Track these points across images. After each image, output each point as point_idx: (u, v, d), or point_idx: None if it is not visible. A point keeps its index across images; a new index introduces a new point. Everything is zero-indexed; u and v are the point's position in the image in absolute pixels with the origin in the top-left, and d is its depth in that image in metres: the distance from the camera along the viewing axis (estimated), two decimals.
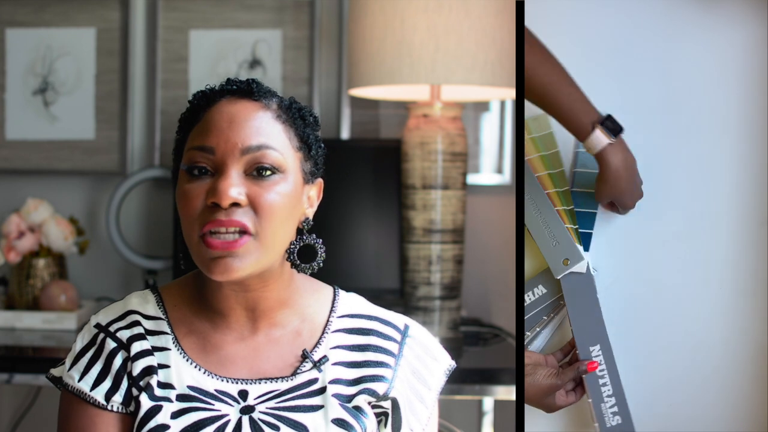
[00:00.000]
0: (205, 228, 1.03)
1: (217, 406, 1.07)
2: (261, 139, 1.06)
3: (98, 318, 1.13)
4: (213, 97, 1.09)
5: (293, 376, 1.10)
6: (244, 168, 1.05)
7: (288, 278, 1.13)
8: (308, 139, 1.11)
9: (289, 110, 1.10)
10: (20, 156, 2.43)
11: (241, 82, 1.10)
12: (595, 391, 1.31)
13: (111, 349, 1.10)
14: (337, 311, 1.16)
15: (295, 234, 1.11)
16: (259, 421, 1.06)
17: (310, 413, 1.07)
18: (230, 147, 1.04)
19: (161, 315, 1.13)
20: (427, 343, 1.19)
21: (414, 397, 1.14)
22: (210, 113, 1.08)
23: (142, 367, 1.08)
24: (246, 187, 1.04)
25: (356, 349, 1.13)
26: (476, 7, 1.92)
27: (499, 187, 2.43)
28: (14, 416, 2.41)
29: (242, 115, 1.07)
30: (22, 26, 2.42)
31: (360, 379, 1.11)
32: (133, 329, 1.11)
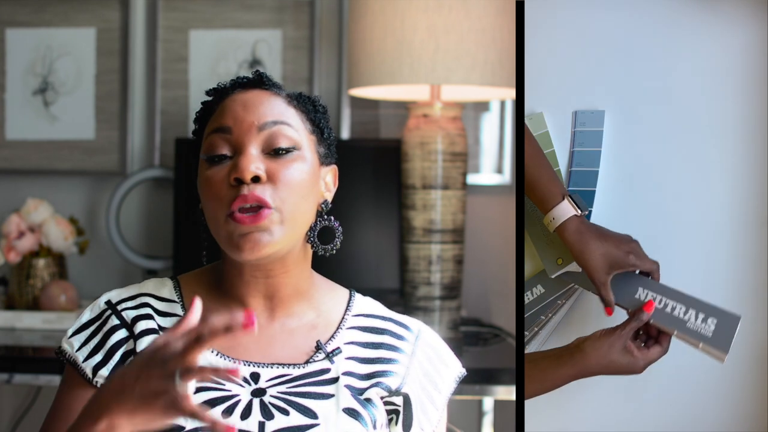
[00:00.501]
0: (232, 206, 1.06)
1: (228, 387, 1.08)
2: (276, 117, 1.10)
3: (110, 295, 1.16)
4: (225, 90, 1.14)
5: (306, 364, 1.11)
6: (262, 146, 1.09)
7: (307, 268, 1.16)
8: (320, 124, 1.16)
9: (299, 99, 1.15)
10: (20, 156, 2.43)
11: (252, 74, 1.15)
12: (672, 321, 1.22)
13: (112, 326, 1.12)
14: (352, 310, 1.18)
15: (315, 216, 1.14)
16: (269, 404, 1.07)
17: (321, 401, 1.08)
18: (247, 126, 1.09)
19: (176, 299, 1.15)
20: (439, 348, 1.20)
21: (425, 397, 1.15)
22: (224, 103, 1.12)
23: (147, 345, 1.09)
24: (265, 164, 1.08)
25: (370, 346, 1.15)
26: (476, 7, 1.92)
27: (499, 187, 2.43)
28: (14, 416, 2.41)
29: (256, 99, 1.11)
30: (22, 26, 2.42)
31: (372, 374, 1.12)
32: (140, 309, 1.13)
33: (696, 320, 1.21)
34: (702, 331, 1.21)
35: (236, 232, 1.06)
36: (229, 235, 1.07)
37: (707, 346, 1.22)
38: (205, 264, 1.18)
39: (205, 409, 0.86)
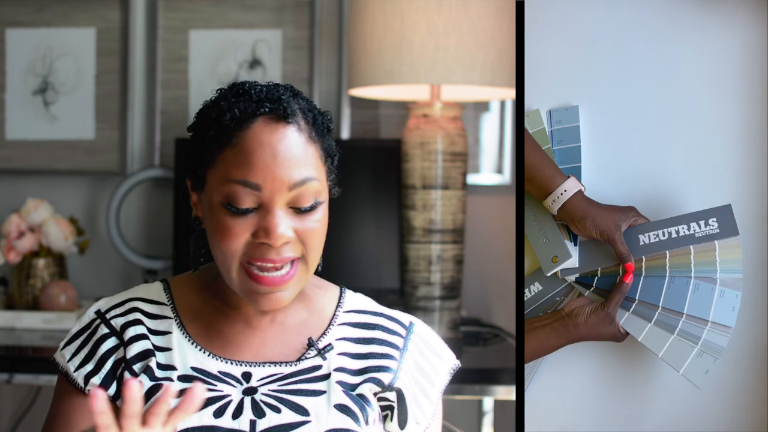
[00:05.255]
0: (254, 261, 1.05)
1: (220, 387, 1.08)
2: (305, 172, 1.05)
3: (99, 304, 1.16)
4: (245, 119, 1.05)
5: (298, 361, 1.12)
6: (289, 202, 1.05)
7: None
8: (331, 151, 1.12)
9: (315, 124, 1.09)
10: (20, 156, 2.43)
11: (273, 103, 1.06)
12: (681, 241, 1.30)
13: (101, 335, 1.12)
14: (343, 307, 1.19)
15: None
16: (260, 402, 1.07)
17: (312, 397, 1.08)
18: (278, 185, 1.04)
19: (165, 301, 1.15)
20: (431, 341, 1.20)
21: (419, 391, 1.15)
22: (246, 139, 1.05)
23: (138, 351, 1.10)
24: (291, 221, 1.06)
25: (361, 342, 1.15)
26: (476, 7, 1.92)
27: (499, 187, 2.43)
28: (14, 416, 2.41)
29: (283, 145, 1.05)
30: (22, 26, 2.42)
31: (365, 369, 1.12)
32: (128, 316, 1.13)
33: (700, 228, 1.30)
34: (711, 232, 1.29)
35: (254, 290, 1.06)
36: (244, 288, 1.07)
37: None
38: (194, 272, 1.16)
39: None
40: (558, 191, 1.32)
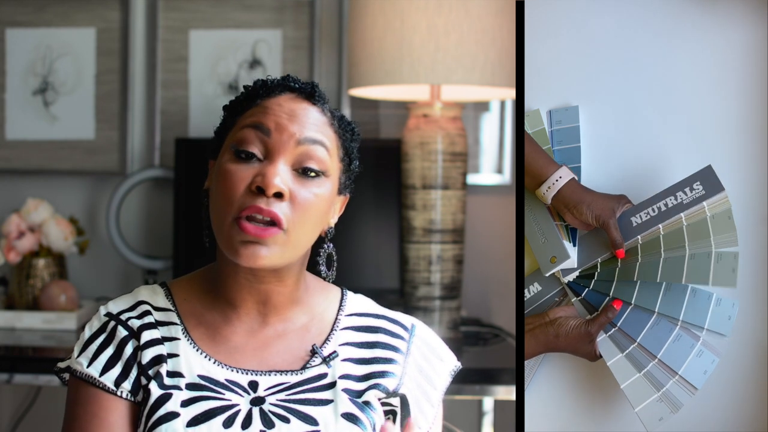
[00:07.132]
0: (243, 212, 1.05)
1: (228, 396, 1.07)
2: (317, 135, 1.09)
3: (108, 307, 1.13)
4: (274, 88, 1.11)
5: (303, 370, 1.11)
6: (293, 161, 1.07)
7: (303, 278, 1.15)
8: (351, 153, 1.15)
9: (341, 121, 1.14)
10: (20, 156, 2.43)
11: (304, 83, 1.12)
12: (670, 212, 1.31)
13: (122, 337, 1.10)
14: (345, 310, 1.18)
15: (316, 239, 1.13)
16: (269, 413, 1.07)
17: (320, 407, 1.08)
18: (287, 136, 1.07)
19: (170, 307, 1.14)
20: (433, 344, 1.20)
21: (421, 394, 1.15)
22: (269, 102, 1.10)
23: (152, 356, 1.08)
24: (290, 180, 1.07)
25: (365, 346, 1.15)
26: (476, 7, 1.92)
27: (499, 187, 2.43)
28: (14, 416, 2.41)
29: (302, 111, 1.09)
30: (22, 26, 2.42)
31: (369, 375, 1.12)
32: (144, 318, 1.11)
33: (687, 195, 1.31)
34: (698, 195, 1.30)
35: (238, 238, 1.05)
36: (230, 239, 1.05)
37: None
38: (206, 244, 1.15)
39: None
40: (552, 178, 1.33)
